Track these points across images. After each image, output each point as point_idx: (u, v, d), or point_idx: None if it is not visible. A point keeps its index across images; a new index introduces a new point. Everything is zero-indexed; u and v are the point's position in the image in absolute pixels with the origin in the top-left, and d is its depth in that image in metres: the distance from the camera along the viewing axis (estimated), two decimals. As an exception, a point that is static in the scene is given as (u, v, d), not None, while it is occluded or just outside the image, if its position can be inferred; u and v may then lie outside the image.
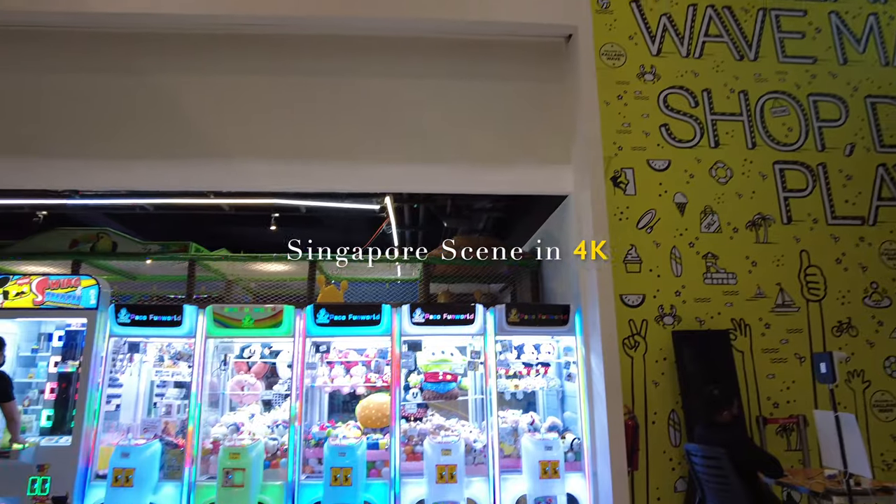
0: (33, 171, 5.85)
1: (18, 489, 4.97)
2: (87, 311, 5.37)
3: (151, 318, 5.37)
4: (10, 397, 4.50)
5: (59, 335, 5.77)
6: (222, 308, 5.42)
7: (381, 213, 8.35)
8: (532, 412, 6.06)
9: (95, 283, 5.43)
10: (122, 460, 4.89)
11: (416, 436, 5.59)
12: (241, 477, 4.88)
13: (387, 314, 5.53)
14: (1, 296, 5.40)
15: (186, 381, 5.87)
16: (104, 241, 6.86)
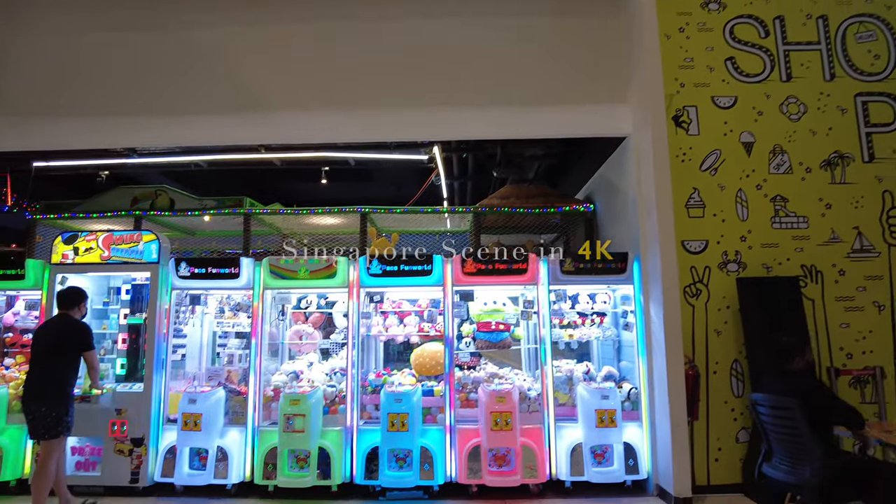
0: (98, 131, 6.00)
1: (100, 430, 5.30)
2: (149, 265, 5.55)
3: (210, 270, 5.51)
4: (91, 346, 4.75)
5: (126, 289, 6.01)
6: (278, 260, 5.50)
7: (429, 164, 8.21)
8: (586, 362, 5.97)
9: (156, 238, 5.59)
10: (190, 406, 5.12)
11: (469, 383, 5.60)
12: (301, 422, 5.03)
13: (438, 264, 5.48)
14: (72, 252, 5.65)
15: (246, 332, 6.07)
16: (162, 198, 7.05)
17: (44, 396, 4.58)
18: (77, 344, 4.73)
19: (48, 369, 4.64)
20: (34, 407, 4.57)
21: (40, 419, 4.56)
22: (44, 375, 4.62)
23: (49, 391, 4.60)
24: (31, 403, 4.58)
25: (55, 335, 4.71)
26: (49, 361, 4.65)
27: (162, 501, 5.11)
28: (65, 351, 4.69)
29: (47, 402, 4.58)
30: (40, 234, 7.16)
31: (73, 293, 4.91)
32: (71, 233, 5.68)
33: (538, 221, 7.66)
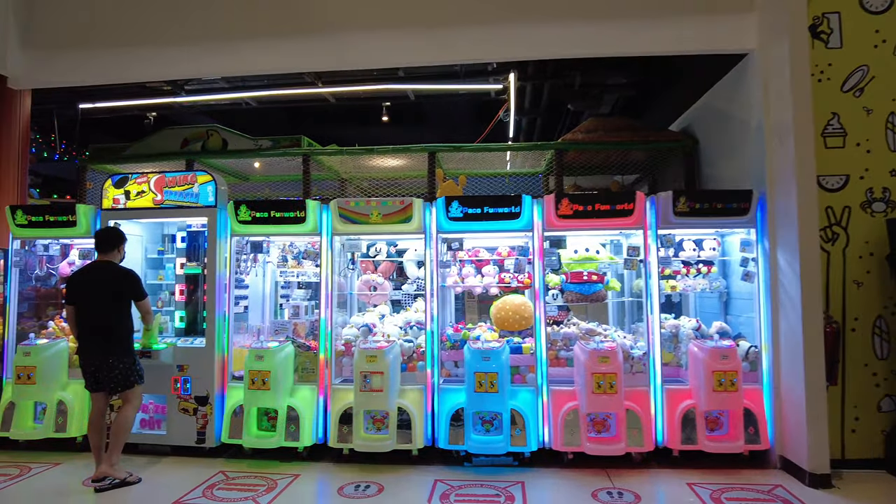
0: (137, 62, 5.44)
1: (163, 387, 4.95)
2: (206, 209, 5.04)
3: (273, 214, 4.96)
4: (144, 294, 4.34)
5: (182, 236, 5.56)
6: (348, 202, 4.90)
7: (500, 97, 7.40)
8: (695, 317, 5.26)
9: (212, 180, 5.05)
10: (257, 363, 4.68)
11: (559, 340, 4.99)
12: (379, 381, 4.53)
13: (528, 206, 4.78)
14: (123, 196, 5.18)
15: (311, 282, 5.58)
16: (214, 139, 6.51)
17: (108, 348, 4.23)
18: (130, 293, 4.32)
19: (105, 319, 4.25)
20: (99, 360, 4.22)
21: (108, 372, 4.21)
22: (101, 326, 4.24)
23: (111, 342, 4.24)
24: (94, 357, 4.22)
25: (103, 283, 4.30)
26: (103, 311, 4.26)
27: (230, 463, 4.76)
28: (118, 300, 4.29)
29: (114, 354, 4.23)
30: (90, 181, 6.76)
31: (111, 234, 4.46)
32: (121, 175, 5.20)
33: (619, 160, 6.83)
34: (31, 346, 4.97)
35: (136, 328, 4.54)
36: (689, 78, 6.49)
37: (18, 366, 4.91)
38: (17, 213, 5.25)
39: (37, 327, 5.60)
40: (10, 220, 5.25)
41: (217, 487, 4.23)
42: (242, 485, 4.29)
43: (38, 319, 5.75)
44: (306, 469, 4.64)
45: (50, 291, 5.82)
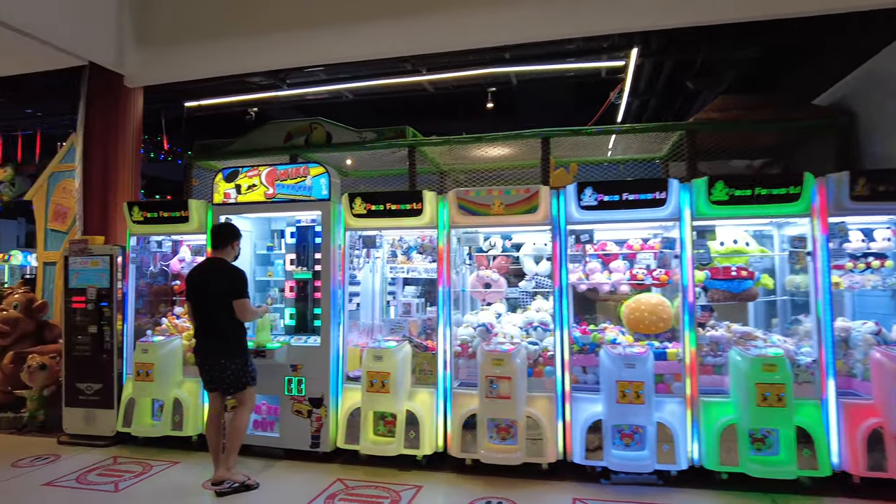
0: (237, 53, 5.33)
1: (276, 388, 4.77)
2: (319, 202, 4.82)
3: (389, 207, 4.66)
4: (242, 294, 4.16)
5: (291, 231, 5.39)
6: (468, 192, 4.52)
7: (616, 75, 6.83)
8: (841, 318, 4.52)
9: (325, 172, 4.82)
10: (375, 363, 4.39)
11: (705, 345, 4.41)
12: (506, 387, 4.13)
13: (674, 191, 4.23)
14: (234, 190, 5.05)
15: (422, 278, 5.27)
16: (318, 132, 6.33)
17: (220, 348, 4.10)
18: (230, 292, 4.14)
19: (215, 318, 4.11)
20: (212, 360, 4.10)
21: (220, 372, 4.07)
22: (213, 325, 4.11)
23: (222, 342, 4.11)
24: (207, 357, 4.10)
25: (213, 281, 4.17)
26: (214, 310, 4.13)
27: (347, 470, 4.50)
28: (225, 298, 4.13)
29: (226, 355, 4.10)
30: (196, 178, 6.78)
31: (224, 230, 4.35)
32: (231, 169, 5.07)
33: (748, 142, 6.10)
34: (149, 342, 4.94)
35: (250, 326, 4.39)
36: (839, 46, 5.68)
37: (137, 362, 4.89)
38: (134, 210, 5.24)
39: (151, 324, 5.60)
40: (128, 216, 5.26)
41: (338, 498, 3.97)
42: (364, 496, 4.00)
43: (152, 316, 5.76)
44: (428, 479, 4.31)
45: (162, 288, 5.81)
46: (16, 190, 7.48)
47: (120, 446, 5.11)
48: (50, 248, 6.72)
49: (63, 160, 6.87)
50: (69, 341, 5.36)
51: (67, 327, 5.37)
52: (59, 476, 4.40)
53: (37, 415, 5.64)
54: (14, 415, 5.78)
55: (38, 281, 6.76)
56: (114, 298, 5.27)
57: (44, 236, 6.76)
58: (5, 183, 7.47)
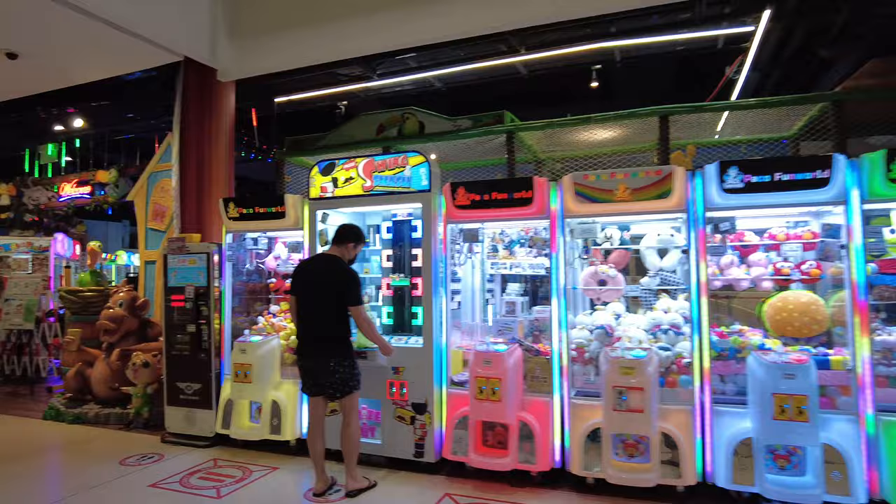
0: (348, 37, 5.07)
1: (377, 392, 4.47)
2: (420, 193, 4.47)
3: (495, 197, 4.25)
4: (359, 301, 3.89)
5: (387, 226, 5.09)
6: (587, 176, 4.03)
7: (733, 47, 6.08)
8: None
9: (425, 161, 4.47)
10: (485, 368, 3.99)
11: (877, 352, 3.69)
12: (638, 399, 3.61)
13: (839, 169, 3.54)
14: (331, 184, 4.81)
15: (526, 274, 4.83)
16: (411, 122, 6.02)
17: (330, 349, 3.85)
18: (346, 297, 3.89)
19: (325, 317, 3.85)
20: (322, 361, 3.83)
21: (328, 376, 3.81)
22: (323, 324, 3.85)
23: (331, 342, 3.85)
24: (315, 358, 3.85)
25: (326, 279, 3.92)
26: (324, 308, 3.88)
27: (454, 484, 4.13)
28: (338, 300, 3.88)
29: (335, 356, 3.84)
30: (288, 174, 6.66)
31: (350, 230, 4.11)
32: (328, 161, 4.83)
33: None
34: (247, 342, 4.78)
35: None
36: None
37: (236, 363, 4.75)
38: (230, 206, 5.12)
39: (247, 322, 5.49)
40: (223, 212, 5.15)
41: (450, 515, 3.61)
42: (478, 515, 3.62)
43: (247, 315, 5.65)
44: (546, 499, 3.86)
45: (258, 286, 5.70)
46: (119, 191, 7.70)
47: (219, 448, 5.01)
48: (150, 248, 6.82)
49: (160, 160, 6.95)
50: (169, 340, 5.33)
51: (167, 326, 5.34)
52: (164, 478, 4.31)
53: (141, 412, 5.68)
54: (121, 410, 5.86)
55: (139, 279, 6.88)
56: (211, 297, 5.17)
57: (144, 235, 6.87)
58: (110, 185, 7.70)
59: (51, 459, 5.16)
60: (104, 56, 5.44)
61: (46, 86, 6.21)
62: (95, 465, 4.65)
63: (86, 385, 6.21)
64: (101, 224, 15.30)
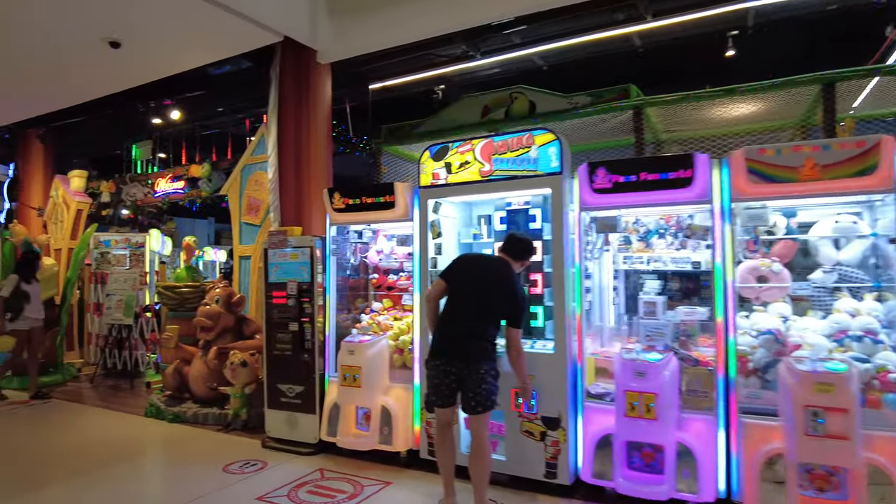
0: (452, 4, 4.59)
1: (502, 402, 3.95)
2: (548, 177, 3.93)
3: (641, 178, 3.64)
4: (521, 324, 3.49)
5: (500, 216, 4.59)
6: (763, 151, 3.34)
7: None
8: None
9: (555, 139, 3.92)
10: (636, 381, 3.40)
11: None
12: (840, 423, 2.93)
13: None
14: (443, 169, 4.34)
15: (665, 269, 4.19)
16: (520, 102, 5.49)
17: (484, 351, 3.40)
18: (511, 314, 3.47)
19: (483, 319, 3.42)
20: (468, 367, 3.35)
21: (475, 385, 3.33)
22: (479, 326, 3.40)
23: (490, 343, 3.43)
24: (459, 361, 3.37)
25: (496, 284, 3.48)
26: (485, 312, 3.44)
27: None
28: (503, 310, 3.47)
29: (490, 359, 3.42)
30: (385, 164, 6.28)
31: (528, 244, 3.72)
32: (440, 144, 4.37)
33: None
34: (355, 343, 4.39)
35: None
36: None
37: (343, 365, 4.37)
38: (335, 196, 4.75)
39: (349, 321, 5.13)
40: (328, 203, 4.79)
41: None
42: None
43: (348, 312, 5.30)
44: (714, 537, 3.24)
45: (358, 282, 5.34)
46: (212, 185, 7.62)
47: (323, 456, 4.66)
48: (244, 242, 6.63)
49: (254, 152, 6.75)
50: (270, 339, 5.05)
51: (268, 324, 5.06)
52: (270, 490, 3.98)
53: (240, 413, 5.45)
54: (219, 411, 5.66)
55: (234, 275, 6.71)
56: (314, 293, 4.84)
57: (238, 230, 6.69)
58: (203, 179, 7.62)
59: (155, 462, 5.01)
60: (204, 40, 5.23)
61: (146, 76, 6.12)
62: (199, 470, 4.41)
63: (183, 383, 6.07)
64: (189, 221, 15.69)
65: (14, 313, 6.60)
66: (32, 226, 9.10)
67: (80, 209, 8.95)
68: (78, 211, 8.92)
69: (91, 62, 5.71)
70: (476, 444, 3.40)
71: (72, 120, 8.30)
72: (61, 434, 5.52)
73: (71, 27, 5.00)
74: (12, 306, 6.59)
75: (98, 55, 5.47)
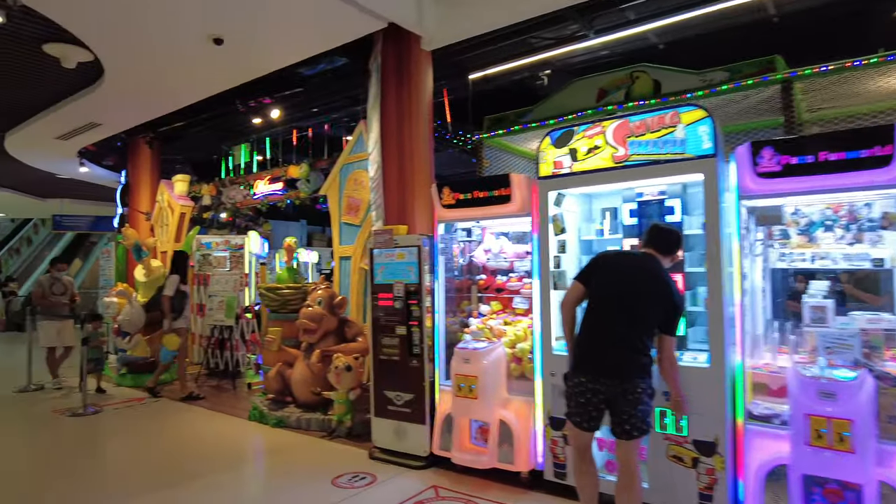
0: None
1: (643, 422, 3.45)
2: (699, 160, 3.38)
3: (822, 158, 3.02)
4: (676, 331, 3.01)
5: (629, 209, 4.07)
6: None
7: None
8: None
9: (706, 116, 3.37)
10: (822, 404, 2.80)
11: None
12: None
13: None
14: (567, 157, 3.89)
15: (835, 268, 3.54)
16: (642, 82, 4.94)
17: (641, 365, 2.92)
18: (667, 321, 2.99)
19: (639, 329, 2.95)
20: (628, 382, 2.89)
21: (629, 405, 2.87)
22: (635, 334, 2.94)
23: (646, 356, 2.95)
24: (616, 376, 2.90)
25: (652, 287, 3.00)
26: (641, 319, 2.97)
27: (766, 555, 2.99)
28: (658, 316, 2.98)
29: (647, 375, 2.94)
30: (487, 158, 5.89)
31: (678, 236, 3.22)
32: (563, 130, 3.91)
33: None
34: (470, 350, 4.03)
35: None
36: None
37: (458, 374, 4.02)
38: (444, 191, 4.42)
39: (457, 324, 4.78)
40: (436, 199, 4.46)
41: None
42: None
43: (454, 315, 4.95)
44: None
45: (464, 283, 4.98)
46: (311, 186, 7.54)
47: (435, 471, 4.33)
48: (344, 243, 6.46)
49: (352, 151, 6.57)
50: (376, 343, 4.78)
51: (373, 327, 4.80)
52: (384, 509, 3.69)
53: (344, 419, 5.25)
54: (322, 416, 5.49)
55: (334, 276, 6.55)
56: (422, 295, 4.52)
57: (338, 230, 6.53)
58: (301, 180, 7.56)
59: (263, 470, 4.87)
60: (307, 31, 5.06)
61: (247, 75, 6.09)
62: (308, 482, 4.18)
63: (286, 386, 5.96)
64: (282, 224, 16.04)
65: (176, 313, 6.80)
66: (141, 229, 9.47)
67: (183, 212, 9.22)
68: (181, 214, 9.19)
69: (195, 62, 5.72)
70: (626, 473, 2.93)
71: (175, 125, 8.53)
72: (170, 435, 5.55)
73: (176, 26, 4.99)
74: (174, 306, 6.78)
75: (202, 54, 5.46)
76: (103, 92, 6.61)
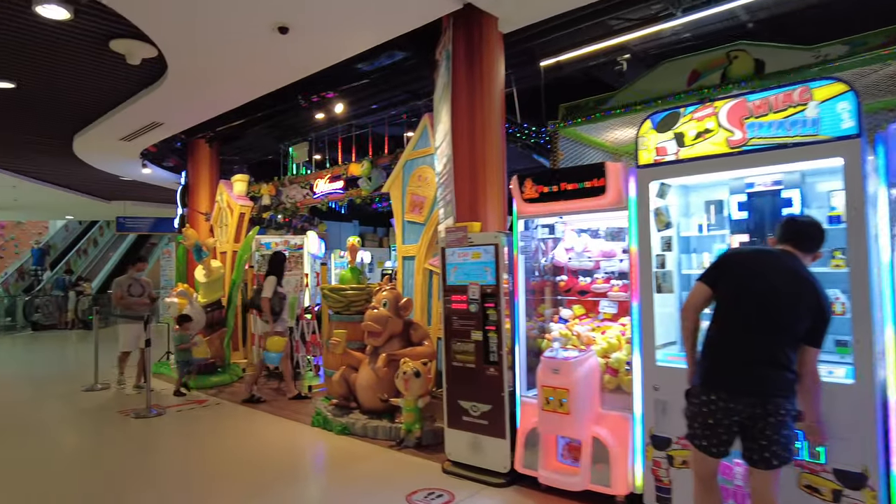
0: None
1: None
2: (838, 142, 2.89)
3: None
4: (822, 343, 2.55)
5: (738, 201, 3.61)
6: None
7: None
8: None
9: (847, 90, 2.88)
10: None
11: None
12: None
13: None
14: (671, 142, 3.45)
15: None
16: (741, 61, 4.44)
17: (787, 383, 2.48)
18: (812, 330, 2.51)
19: (783, 339, 2.51)
20: (771, 403, 2.45)
21: (771, 429, 2.44)
22: (779, 347, 2.50)
23: (792, 373, 2.50)
24: (758, 395, 2.46)
25: (797, 288, 2.53)
26: (785, 328, 2.52)
27: None
28: (804, 324, 2.50)
29: (793, 394, 2.49)
30: (562, 150, 5.48)
31: (821, 230, 2.69)
32: (667, 112, 3.48)
33: None
34: (559, 360, 3.65)
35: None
36: None
37: (546, 386, 3.64)
38: (526, 184, 4.05)
39: (536, 330, 4.41)
40: (517, 193, 4.10)
41: None
42: None
43: (528, 319, 4.57)
44: None
45: (542, 285, 4.59)
46: (372, 184, 7.31)
47: (516, 489, 3.97)
48: (408, 242, 6.18)
49: (415, 147, 6.29)
50: (448, 349, 4.46)
51: (446, 332, 4.48)
52: (467, 532, 3.35)
53: (413, 429, 4.94)
54: (389, 424, 5.20)
55: (398, 276, 6.28)
56: (500, 297, 4.16)
57: (402, 229, 6.26)
58: (363, 178, 7.33)
59: (332, 484, 4.54)
60: (379, 14, 4.78)
61: (312, 66, 5.87)
62: (381, 499, 3.89)
63: (350, 391, 5.71)
64: (335, 224, 16.00)
65: (275, 315, 6.54)
66: (201, 230, 9.47)
67: (242, 213, 9.16)
68: (241, 214, 9.13)
69: (259, 53, 5.53)
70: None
71: (234, 123, 8.46)
72: (234, 442, 5.35)
73: (240, 14, 4.80)
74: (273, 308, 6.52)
75: (266, 44, 5.27)
76: (166, 89, 6.54)
